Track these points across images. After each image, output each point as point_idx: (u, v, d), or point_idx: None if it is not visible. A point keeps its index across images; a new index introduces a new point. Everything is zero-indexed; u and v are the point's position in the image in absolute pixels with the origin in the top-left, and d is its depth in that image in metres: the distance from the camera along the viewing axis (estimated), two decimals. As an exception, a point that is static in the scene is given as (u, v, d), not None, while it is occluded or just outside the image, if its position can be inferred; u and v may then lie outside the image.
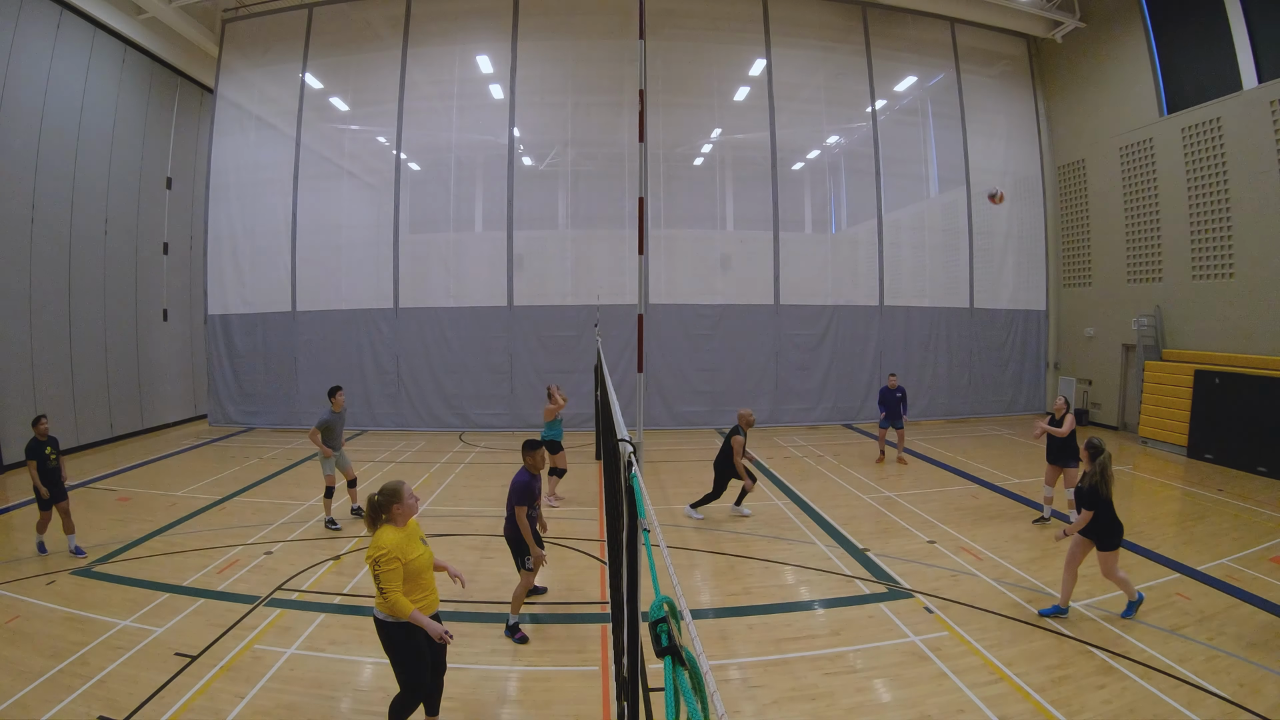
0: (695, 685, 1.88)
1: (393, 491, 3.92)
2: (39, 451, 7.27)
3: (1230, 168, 12.44)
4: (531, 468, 5.53)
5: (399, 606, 3.71)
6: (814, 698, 4.70)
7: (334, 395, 8.57)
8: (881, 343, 16.21)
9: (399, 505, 3.89)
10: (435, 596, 4.08)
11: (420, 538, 4.06)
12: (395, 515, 3.90)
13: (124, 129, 14.65)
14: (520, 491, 5.37)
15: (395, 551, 3.73)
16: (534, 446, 5.62)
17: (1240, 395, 11.68)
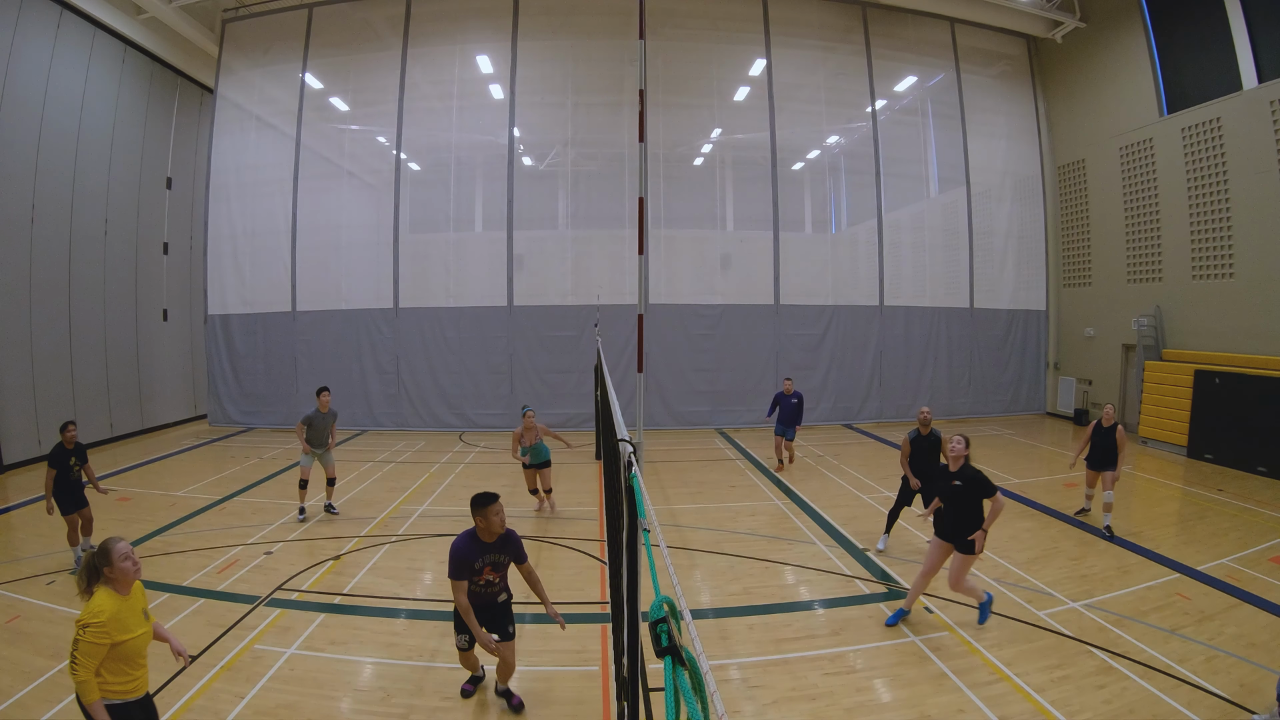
0: (695, 685, 1.88)
1: (103, 551, 3.28)
2: (62, 461, 7.00)
3: (1230, 168, 12.44)
4: (482, 531, 4.24)
5: (84, 690, 3.09)
6: (814, 698, 4.70)
7: (319, 395, 8.77)
8: (881, 343, 16.21)
9: (109, 569, 3.26)
10: (144, 680, 3.41)
11: (144, 609, 3.45)
12: (112, 579, 3.27)
13: (124, 129, 14.65)
14: (455, 562, 4.22)
15: (110, 625, 3.14)
16: (486, 502, 4.21)
17: (1240, 395, 11.68)
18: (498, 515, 4.21)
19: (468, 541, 4.26)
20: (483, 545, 4.25)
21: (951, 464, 5.54)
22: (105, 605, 3.19)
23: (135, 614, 3.34)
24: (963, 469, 5.47)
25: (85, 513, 7.36)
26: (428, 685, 4.87)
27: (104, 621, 3.14)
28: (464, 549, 4.24)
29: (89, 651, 3.10)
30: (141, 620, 3.38)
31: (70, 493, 7.14)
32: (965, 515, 5.39)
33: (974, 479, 5.37)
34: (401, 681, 4.92)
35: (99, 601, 3.21)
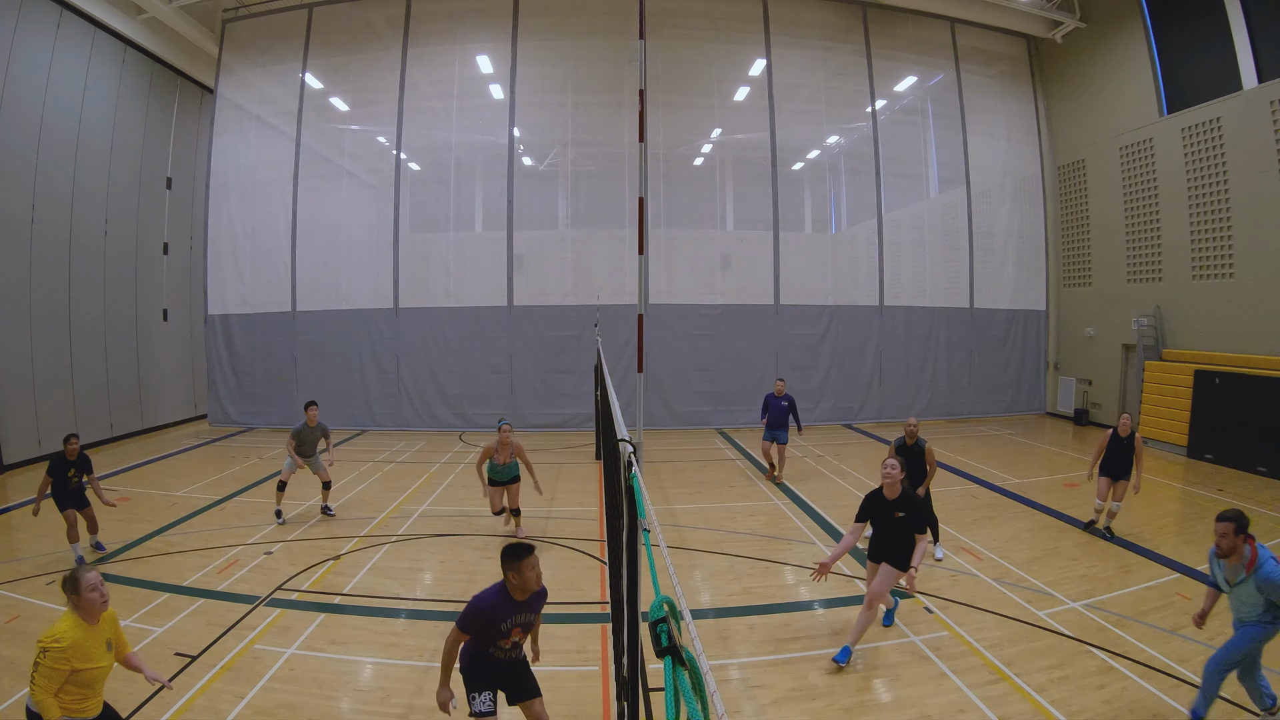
0: (695, 685, 1.88)
1: (72, 580, 3.27)
2: (60, 471, 7.10)
3: (1230, 168, 12.44)
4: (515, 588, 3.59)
5: (43, 709, 3.10)
6: (814, 698, 4.70)
7: (307, 409, 8.67)
8: (881, 343, 16.21)
9: (76, 598, 3.25)
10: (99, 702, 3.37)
11: (109, 640, 3.40)
12: (80, 608, 3.27)
13: (124, 129, 14.65)
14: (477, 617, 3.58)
15: (70, 651, 3.14)
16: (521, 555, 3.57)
17: (1240, 395, 11.68)
18: (533, 570, 3.62)
19: (497, 598, 3.62)
20: (514, 604, 3.65)
21: (886, 490, 5.11)
22: (68, 632, 3.19)
23: (99, 645, 3.32)
24: (904, 496, 5.10)
25: (87, 512, 7.38)
26: (428, 685, 4.87)
27: (64, 647, 3.14)
28: (492, 607, 3.60)
29: (48, 674, 3.11)
30: (104, 652, 3.35)
31: (68, 496, 7.20)
32: (902, 543, 5.06)
33: (915, 512, 5.03)
34: (401, 681, 4.92)
35: (62, 626, 3.21)
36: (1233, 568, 4.12)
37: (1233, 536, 4.05)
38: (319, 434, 8.63)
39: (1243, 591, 4.07)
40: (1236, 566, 4.09)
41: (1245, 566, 4.03)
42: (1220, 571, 4.24)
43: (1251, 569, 3.99)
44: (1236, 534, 4.06)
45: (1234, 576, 4.12)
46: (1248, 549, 4.05)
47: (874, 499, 5.21)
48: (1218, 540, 4.12)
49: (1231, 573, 4.14)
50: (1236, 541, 4.06)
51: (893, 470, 5.10)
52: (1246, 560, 4.03)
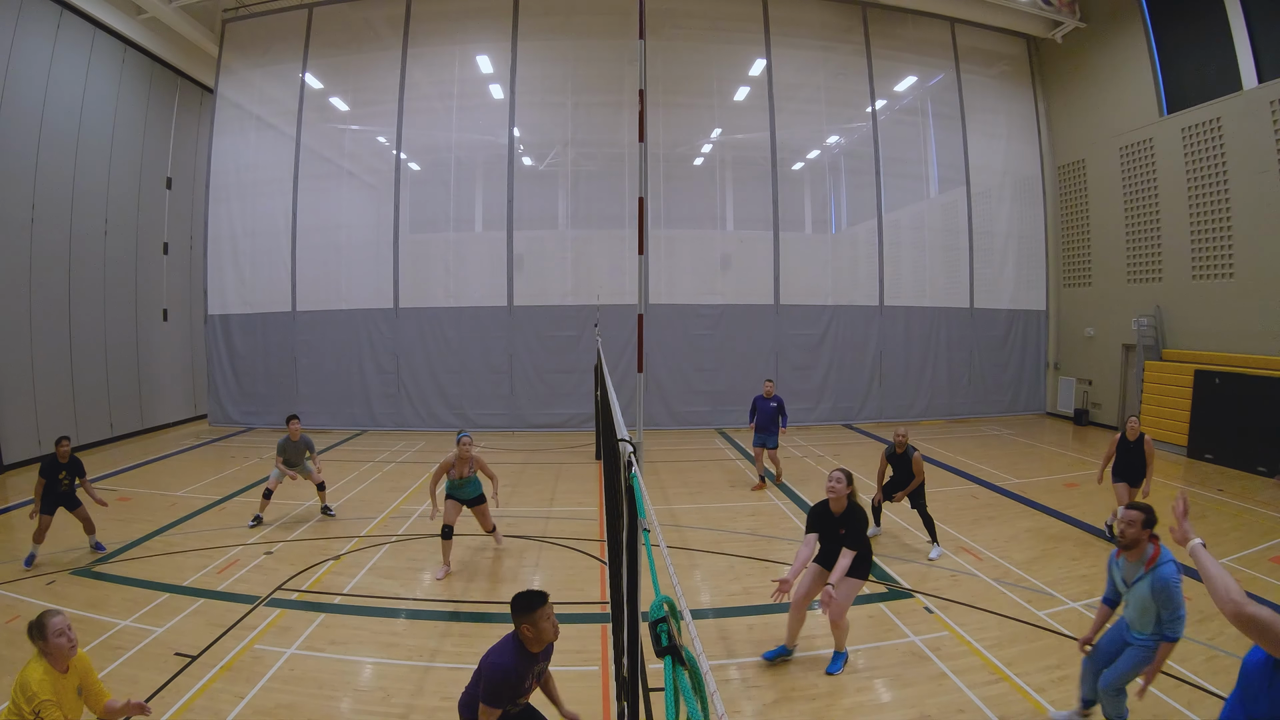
0: (695, 685, 1.88)
1: (39, 625, 3.21)
2: (52, 473, 7.18)
3: (1230, 168, 12.44)
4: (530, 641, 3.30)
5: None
6: (814, 698, 4.70)
7: (288, 423, 8.73)
8: (881, 343, 16.21)
9: (44, 644, 3.18)
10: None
11: (77, 688, 3.31)
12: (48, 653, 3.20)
13: (124, 129, 14.65)
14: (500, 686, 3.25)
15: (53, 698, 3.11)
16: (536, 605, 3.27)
17: (1240, 395, 11.68)
18: (549, 620, 3.29)
19: (514, 657, 3.27)
20: (530, 657, 3.32)
21: (832, 503, 4.92)
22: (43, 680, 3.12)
23: (69, 692, 3.24)
24: (848, 513, 4.89)
25: (80, 513, 7.39)
26: (428, 685, 4.87)
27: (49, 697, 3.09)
28: (512, 668, 3.25)
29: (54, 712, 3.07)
30: (74, 699, 3.27)
31: (58, 498, 7.24)
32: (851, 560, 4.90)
33: (855, 532, 4.84)
34: (401, 681, 4.92)
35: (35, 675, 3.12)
36: (1132, 565, 3.97)
37: (1139, 528, 3.90)
38: (302, 447, 8.63)
39: (1138, 593, 3.90)
40: (1136, 565, 3.94)
41: (1145, 564, 3.88)
42: (1119, 571, 4.08)
43: (1151, 566, 3.84)
44: (1144, 527, 3.90)
45: (1131, 575, 3.96)
46: (1151, 547, 3.90)
47: (820, 512, 5.02)
48: (1122, 529, 3.96)
49: (1130, 571, 3.98)
50: (1141, 534, 3.90)
51: (837, 484, 4.88)
52: (1147, 558, 3.89)
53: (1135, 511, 3.93)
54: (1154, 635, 3.86)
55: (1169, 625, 3.79)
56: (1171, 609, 3.76)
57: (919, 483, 7.43)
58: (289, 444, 8.57)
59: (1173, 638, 3.79)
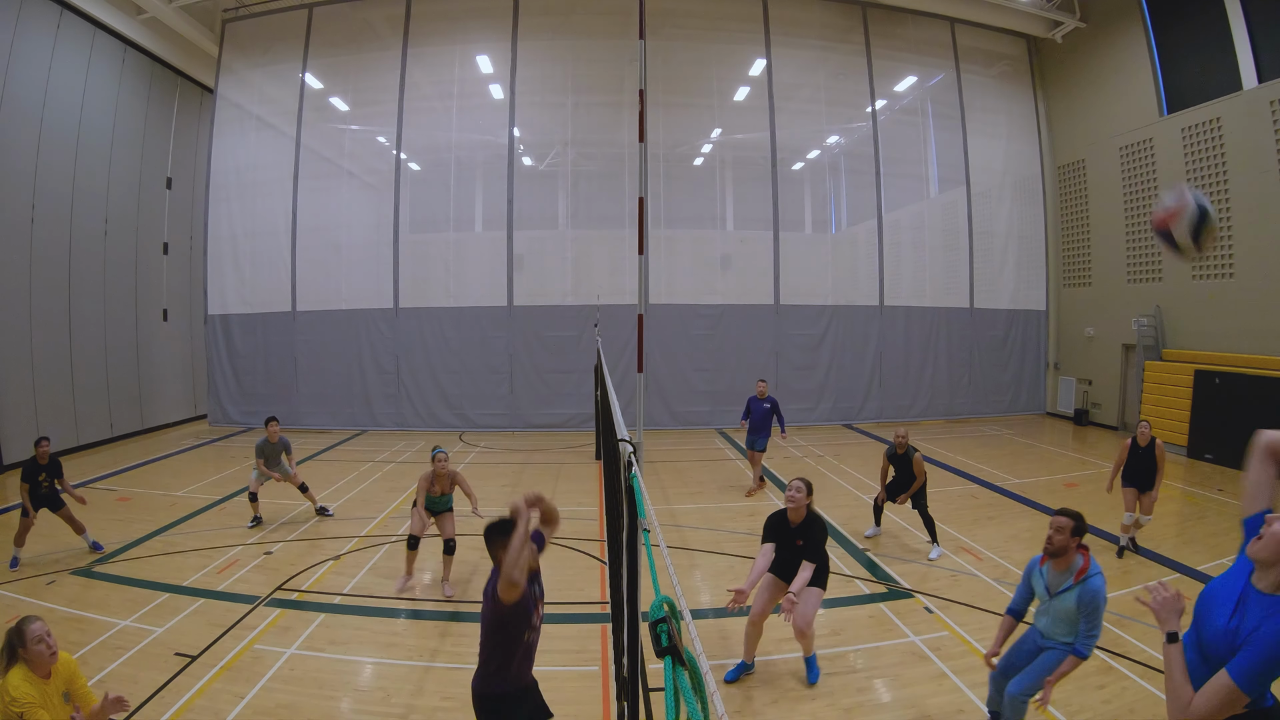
0: (695, 685, 1.88)
1: (18, 631, 3.17)
2: (33, 476, 7.20)
3: (1230, 168, 12.44)
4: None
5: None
6: (814, 698, 4.70)
7: (267, 425, 8.68)
8: (881, 343, 16.21)
9: (24, 650, 3.14)
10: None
11: (63, 694, 3.28)
12: (28, 660, 3.16)
13: (124, 129, 14.65)
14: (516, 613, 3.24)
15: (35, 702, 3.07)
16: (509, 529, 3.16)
17: (1240, 395, 11.68)
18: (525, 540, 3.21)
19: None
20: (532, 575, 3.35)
21: (790, 513, 4.76)
22: (22, 686, 3.09)
23: (53, 698, 3.21)
24: (806, 524, 4.74)
25: (64, 513, 7.40)
26: (428, 685, 4.87)
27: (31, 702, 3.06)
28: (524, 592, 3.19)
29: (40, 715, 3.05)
30: (60, 705, 3.25)
31: (39, 500, 7.25)
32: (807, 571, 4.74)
33: (813, 543, 4.67)
34: (401, 681, 4.92)
35: (14, 682, 3.09)
36: (1058, 575, 3.76)
37: (1067, 535, 3.68)
38: (280, 449, 8.60)
39: (1062, 604, 3.71)
40: (1064, 574, 3.74)
41: (1074, 574, 3.69)
42: (1042, 579, 3.84)
43: (1080, 578, 3.66)
44: (1073, 535, 3.69)
45: (1057, 585, 3.75)
46: (1080, 557, 3.71)
47: (777, 521, 4.85)
48: (1050, 535, 3.72)
49: (1056, 580, 3.77)
50: (1070, 542, 3.69)
51: (797, 494, 4.71)
52: (1076, 569, 3.70)
53: (1065, 518, 3.71)
54: (1067, 645, 3.72)
55: (1083, 640, 3.64)
56: (1093, 623, 3.61)
57: (920, 484, 7.43)
58: (267, 445, 8.53)
59: (1083, 654, 3.64)
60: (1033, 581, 3.92)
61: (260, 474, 8.46)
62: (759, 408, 9.71)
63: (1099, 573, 3.67)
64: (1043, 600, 3.85)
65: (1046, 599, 3.81)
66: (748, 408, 9.87)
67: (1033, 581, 3.92)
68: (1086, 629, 3.63)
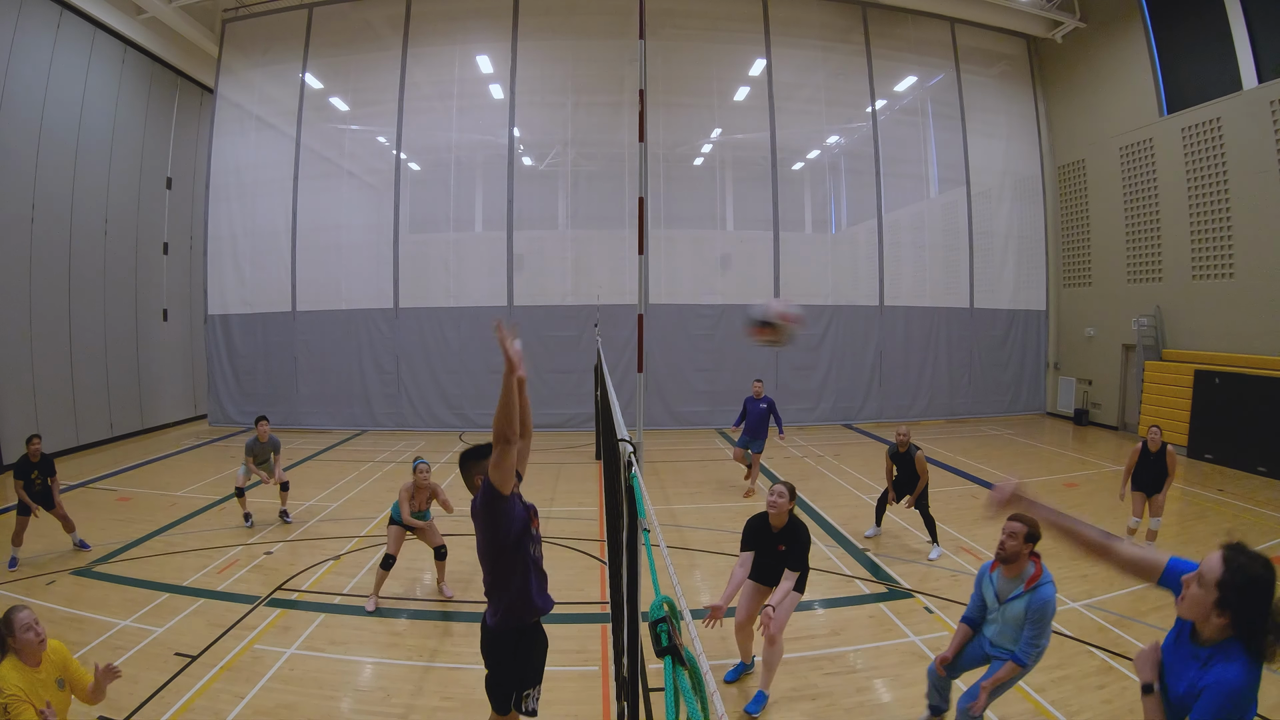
0: (695, 685, 1.88)
1: (5, 621, 3.14)
2: (25, 473, 7.20)
3: (1230, 168, 12.44)
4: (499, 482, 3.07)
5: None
6: (814, 698, 4.70)
7: (257, 424, 8.60)
8: (881, 343, 16.21)
9: (12, 639, 3.12)
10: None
11: (58, 680, 3.28)
12: (16, 649, 3.13)
13: (124, 129, 14.65)
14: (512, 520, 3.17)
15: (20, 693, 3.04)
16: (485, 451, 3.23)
17: (1240, 395, 11.68)
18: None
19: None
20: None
21: (772, 517, 4.62)
22: (11, 677, 3.07)
23: (47, 685, 3.20)
24: (789, 529, 4.58)
25: (57, 512, 7.42)
26: (428, 685, 4.87)
27: (15, 692, 3.03)
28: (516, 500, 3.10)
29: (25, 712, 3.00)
30: (54, 692, 3.23)
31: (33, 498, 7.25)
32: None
33: (798, 547, 4.53)
34: (401, 681, 4.92)
35: (5, 674, 3.07)
36: (1009, 582, 3.71)
37: (1020, 541, 3.63)
38: (269, 448, 8.55)
39: (1011, 611, 3.67)
40: (1014, 581, 3.69)
41: (1025, 582, 3.64)
42: (991, 586, 3.80)
43: (1030, 586, 3.61)
44: (1026, 541, 3.63)
45: (1007, 592, 3.70)
46: (1031, 565, 3.67)
47: (758, 526, 4.71)
48: (1003, 540, 3.67)
49: (1006, 587, 3.72)
50: (1023, 549, 3.63)
51: (779, 499, 4.56)
52: (1028, 576, 3.64)
53: (1019, 524, 3.64)
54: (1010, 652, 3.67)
55: (1025, 647, 3.60)
56: (1038, 631, 3.57)
57: (924, 484, 7.41)
58: (257, 445, 8.46)
59: (1023, 662, 3.60)
60: (983, 588, 3.87)
61: (247, 470, 8.39)
62: (756, 408, 9.55)
63: (1050, 581, 3.63)
64: (992, 608, 3.80)
65: (996, 606, 3.76)
66: (744, 410, 9.68)
67: (983, 588, 3.87)
68: (1030, 636, 3.58)
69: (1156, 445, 7.15)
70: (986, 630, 3.86)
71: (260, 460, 8.49)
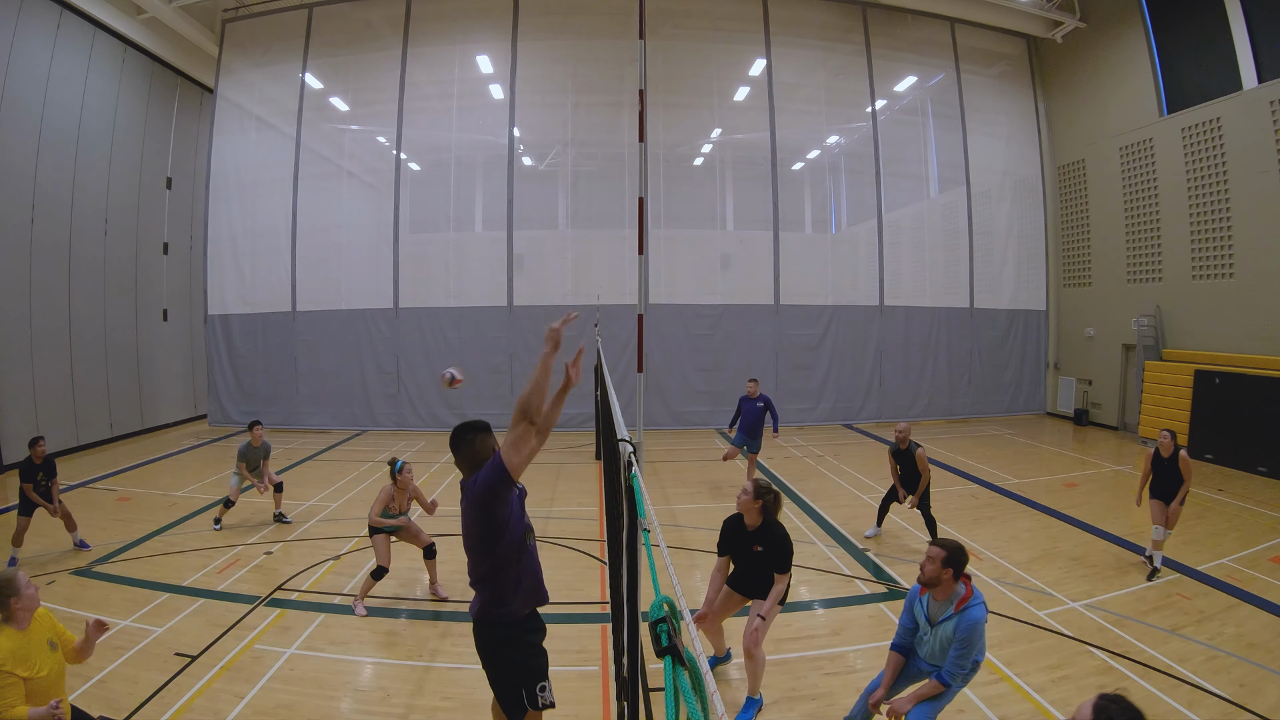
0: (695, 685, 1.88)
1: (9, 582, 3.14)
2: (31, 476, 7.25)
3: (1230, 168, 12.44)
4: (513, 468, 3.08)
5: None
6: (814, 698, 4.70)
7: (252, 429, 8.63)
8: (881, 343, 16.21)
9: (16, 599, 3.13)
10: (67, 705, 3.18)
11: (50, 640, 3.28)
12: (14, 613, 3.13)
13: (124, 129, 14.65)
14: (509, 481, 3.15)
15: (10, 664, 3.02)
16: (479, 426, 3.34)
17: (1240, 395, 11.68)
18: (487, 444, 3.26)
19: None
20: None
21: (745, 517, 4.46)
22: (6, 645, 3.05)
23: (39, 648, 3.19)
24: (764, 528, 4.43)
25: (59, 511, 7.44)
26: (428, 685, 4.87)
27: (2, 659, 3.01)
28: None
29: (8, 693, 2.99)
30: (49, 654, 3.23)
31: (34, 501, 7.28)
32: (762, 578, 4.47)
33: (775, 547, 4.39)
34: (401, 681, 4.92)
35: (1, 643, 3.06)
36: (940, 605, 3.71)
37: (939, 567, 3.61)
38: (260, 454, 8.57)
39: (942, 633, 3.66)
40: (945, 604, 3.69)
41: (955, 603, 3.64)
42: (922, 609, 3.79)
43: (960, 607, 3.60)
44: (944, 566, 3.61)
45: (939, 614, 3.70)
46: (961, 586, 3.65)
47: (733, 527, 4.56)
48: (922, 564, 3.69)
49: (937, 610, 3.72)
50: (942, 573, 3.61)
51: (744, 497, 4.40)
52: (958, 597, 3.64)
53: (938, 549, 3.65)
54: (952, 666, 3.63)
55: (950, 668, 3.58)
56: (965, 652, 3.55)
57: (926, 483, 7.40)
58: (250, 450, 8.45)
59: (946, 681, 3.58)
60: (914, 611, 3.84)
61: (240, 479, 8.37)
62: (751, 408, 9.50)
63: (981, 604, 3.61)
64: (924, 630, 3.79)
65: (928, 629, 3.76)
66: (738, 410, 9.64)
67: (914, 611, 3.84)
68: (956, 656, 3.56)
69: (1168, 450, 6.86)
70: (920, 650, 3.84)
71: (252, 466, 8.48)
